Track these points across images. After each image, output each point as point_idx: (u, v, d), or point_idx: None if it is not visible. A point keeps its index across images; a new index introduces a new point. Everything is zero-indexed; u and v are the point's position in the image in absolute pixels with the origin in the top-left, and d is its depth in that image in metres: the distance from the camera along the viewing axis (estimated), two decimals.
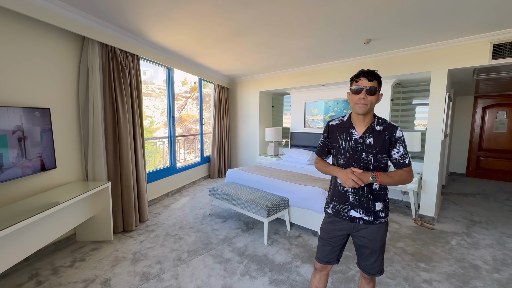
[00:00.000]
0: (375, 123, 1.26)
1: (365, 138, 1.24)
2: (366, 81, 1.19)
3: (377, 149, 1.23)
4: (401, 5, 2.03)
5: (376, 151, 1.23)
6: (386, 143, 1.22)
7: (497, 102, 5.25)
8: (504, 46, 2.55)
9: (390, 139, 1.23)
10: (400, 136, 1.23)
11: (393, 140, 1.23)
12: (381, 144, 1.22)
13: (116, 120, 2.66)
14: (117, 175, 2.67)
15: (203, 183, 4.81)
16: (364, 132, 1.25)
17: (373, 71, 1.21)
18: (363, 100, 1.19)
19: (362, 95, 1.19)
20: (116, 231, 2.66)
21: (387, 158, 1.25)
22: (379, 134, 1.23)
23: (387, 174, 1.21)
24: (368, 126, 1.25)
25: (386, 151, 1.23)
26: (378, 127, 1.24)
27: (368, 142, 1.23)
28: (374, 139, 1.23)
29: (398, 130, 1.23)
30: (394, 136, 1.23)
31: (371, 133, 1.24)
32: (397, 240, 2.60)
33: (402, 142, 1.23)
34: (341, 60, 3.68)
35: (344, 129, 1.30)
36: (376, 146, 1.23)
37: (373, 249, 1.29)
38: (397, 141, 1.23)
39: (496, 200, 3.98)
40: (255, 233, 2.75)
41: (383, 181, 1.19)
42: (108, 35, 2.54)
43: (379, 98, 1.24)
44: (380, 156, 1.23)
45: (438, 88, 2.99)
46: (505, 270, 2.10)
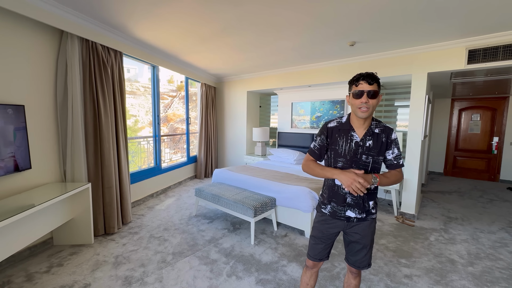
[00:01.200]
0: (374, 125, 1.26)
1: (365, 141, 1.25)
2: (367, 84, 1.17)
3: (376, 151, 1.25)
4: (383, 10, 2.10)
5: (375, 153, 1.25)
6: (384, 145, 1.25)
7: (472, 104, 5.55)
8: (478, 51, 2.69)
9: (387, 141, 1.26)
10: (395, 138, 1.27)
11: (389, 142, 1.26)
12: (380, 146, 1.25)
13: (97, 119, 2.55)
14: (98, 175, 2.56)
15: (189, 184, 4.73)
16: (364, 135, 1.25)
17: (372, 73, 1.20)
18: (365, 105, 1.17)
19: (364, 99, 1.17)
20: (97, 234, 2.55)
21: (382, 160, 1.29)
22: (377, 136, 1.25)
23: (384, 175, 1.24)
24: (368, 129, 1.25)
25: (383, 153, 1.27)
26: (377, 130, 1.26)
27: (368, 145, 1.24)
28: (373, 142, 1.24)
29: (394, 132, 1.27)
30: (390, 138, 1.26)
31: (371, 135, 1.25)
32: (379, 237, 2.68)
33: (397, 144, 1.27)
34: (327, 61, 3.74)
35: (344, 131, 1.28)
36: (375, 149, 1.24)
37: (365, 244, 1.34)
38: (392, 143, 1.26)
39: (471, 197, 4.21)
40: (242, 233, 2.73)
41: (382, 182, 1.22)
42: (89, 30, 2.44)
43: (379, 100, 1.24)
44: (378, 158, 1.26)
45: (418, 91, 3.12)
46: (478, 264, 2.22)
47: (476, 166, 5.56)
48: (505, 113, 5.19)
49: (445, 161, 5.91)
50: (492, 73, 3.09)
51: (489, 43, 2.62)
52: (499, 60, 2.58)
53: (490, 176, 5.38)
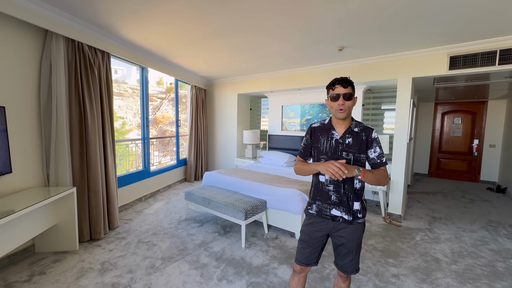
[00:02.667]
0: (353, 125, 1.35)
1: (345, 138, 1.33)
2: (342, 88, 1.28)
3: (356, 148, 1.31)
4: (369, 17, 2.17)
5: (355, 150, 1.31)
6: (364, 143, 1.31)
7: (454, 108, 5.80)
8: (459, 58, 2.82)
9: (367, 139, 1.31)
10: (376, 137, 1.32)
11: (370, 140, 1.31)
12: (359, 144, 1.31)
13: (83, 121, 2.48)
14: (83, 179, 2.49)
15: (179, 187, 4.66)
16: (344, 133, 1.33)
17: (346, 78, 1.30)
18: (342, 106, 1.28)
19: (340, 101, 1.28)
20: (82, 240, 2.47)
21: (365, 158, 1.34)
22: (357, 135, 1.32)
23: (370, 170, 1.27)
24: (347, 128, 1.34)
25: (364, 151, 1.32)
26: (356, 129, 1.33)
27: (348, 142, 1.32)
28: (353, 139, 1.32)
29: (374, 132, 1.33)
30: (370, 137, 1.31)
31: (350, 133, 1.33)
32: (368, 238, 2.74)
33: (378, 143, 1.32)
34: (316, 65, 3.81)
35: (325, 130, 1.39)
36: (355, 146, 1.31)
37: (350, 248, 1.35)
38: (373, 142, 1.31)
39: (454, 198, 4.37)
40: (233, 236, 2.72)
41: (366, 176, 1.23)
42: (75, 30, 2.37)
43: (355, 102, 1.33)
44: (359, 155, 1.31)
45: (404, 95, 3.22)
46: (461, 262, 2.30)
47: (458, 167, 5.79)
48: (484, 117, 5.45)
49: (429, 162, 6.12)
50: (472, 78, 3.24)
51: (469, 50, 2.75)
52: (478, 66, 2.71)
53: (471, 177, 5.62)
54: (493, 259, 2.35)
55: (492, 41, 2.61)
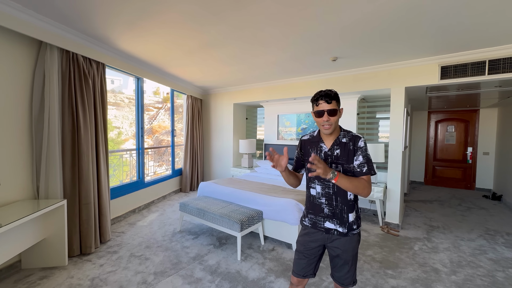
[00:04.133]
0: (342, 135, 1.33)
1: (333, 150, 1.31)
2: (326, 104, 1.26)
3: (344, 159, 1.29)
4: (361, 29, 2.21)
5: (343, 161, 1.29)
6: (351, 152, 1.29)
7: (447, 117, 5.89)
8: (450, 68, 2.89)
9: (354, 148, 1.29)
10: (362, 146, 1.28)
11: (355, 149, 1.29)
12: (347, 154, 1.29)
13: (76, 132, 2.44)
14: (75, 191, 2.42)
15: (174, 198, 4.58)
16: (332, 144, 1.32)
17: (330, 92, 1.26)
18: (327, 123, 1.27)
19: (325, 117, 1.26)
20: (72, 254, 2.38)
21: (353, 167, 1.30)
22: (345, 145, 1.31)
23: (346, 177, 1.22)
24: (335, 139, 1.33)
25: (352, 160, 1.29)
26: (344, 139, 1.32)
27: (336, 153, 1.31)
28: (341, 150, 1.30)
29: (361, 140, 1.29)
30: (356, 145, 1.29)
31: (338, 145, 1.31)
32: (366, 248, 2.69)
33: (363, 152, 1.28)
34: (311, 75, 3.86)
35: (314, 143, 1.38)
36: (343, 157, 1.29)
37: (346, 260, 1.32)
38: (358, 150, 1.28)
39: (450, 206, 4.36)
40: (228, 248, 2.65)
41: (341, 181, 1.18)
42: (70, 41, 2.38)
43: (340, 114, 1.32)
44: (348, 166, 1.29)
45: (397, 104, 3.26)
46: (461, 272, 2.27)
47: (453, 175, 5.82)
48: (476, 125, 5.53)
49: (425, 170, 6.15)
50: (463, 88, 3.30)
51: (459, 61, 2.82)
52: (468, 76, 2.77)
53: (467, 185, 5.64)
54: (492, 269, 2.32)
55: (481, 51, 2.68)
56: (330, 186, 1.31)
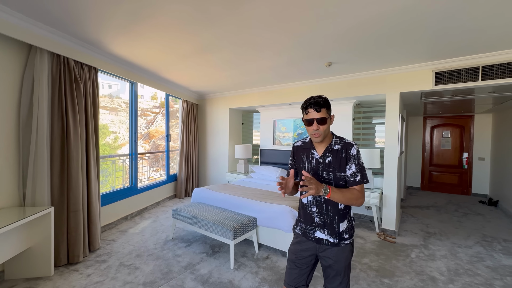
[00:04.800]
0: (334, 142, 1.30)
1: (325, 157, 1.28)
2: (315, 112, 1.22)
3: (336, 167, 1.26)
4: (354, 34, 2.21)
5: (335, 169, 1.26)
6: (344, 160, 1.25)
7: (442, 122, 5.91)
8: (444, 73, 2.89)
9: (346, 156, 1.26)
10: (354, 154, 1.25)
11: (348, 157, 1.25)
12: (339, 162, 1.25)
13: (65, 137, 2.39)
14: (63, 198, 2.35)
15: (168, 204, 4.50)
16: (324, 152, 1.29)
17: (319, 100, 1.22)
18: (317, 131, 1.24)
19: (315, 126, 1.23)
20: (58, 264, 2.29)
21: (345, 176, 1.27)
22: (337, 153, 1.27)
23: (339, 190, 1.19)
24: (327, 146, 1.29)
25: (344, 169, 1.25)
26: (336, 146, 1.28)
27: (328, 161, 1.27)
28: (332, 158, 1.27)
29: (353, 148, 1.26)
30: (349, 153, 1.26)
31: (330, 152, 1.28)
32: (362, 256, 2.64)
33: (355, 160, 1.24)
34: (306, 80, 3.85)
35: (306, 150, 1.35)
36: (335, 165, 1.26)
37: (338, 270, 1.28)
38: (351, 158, 1.25)
39: (447, 211, 4.33)
40: (222, 257, 2.58)
41: (334, 196, 1.16)
42: (60, 45, 2.34)
43: (331, 121, 1.27)
44: (340, 174, 1.26)
45: (392, 109, 3.26)
46: (458, 280, 2.22)
47: (450, 180, 5.81)
48: (471, 130, 5.55)
49: (422, 176, 6.13)
50: (457, 93, 3.31)
51: (453, 66, 2.83)
52: (462, 82, 2.77)
53: (463, 190, 5.63)
54: (490, 277, 2.28)
55: (474, 57, 2.69)
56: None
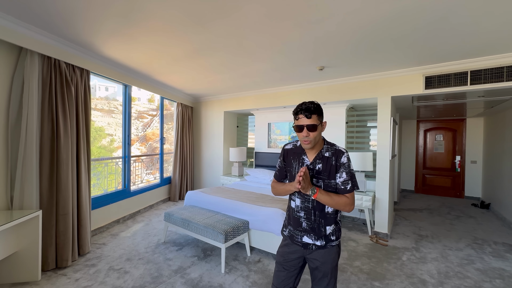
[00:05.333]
0: (324, 149, 1.29)
1: (315, 164, 1.28)
2: (305, 118, 1.21)
3: (326, 174, 1.26)
4: (345, 39, 2.24)
5: (325, 176, 1.26)
6: (334, 168, 1.25)
7: (435, 126, 5.98)
8: (434, 78, 2.94)
9: (336, 164, 1.25)
10: (345, 162, 1.24)
11: (338, 165, 1.25)
12: (329, 169, 1.25)
13: (55, 139, 2.37)
14: (52, 201, 2.33)
15: (161, 207, 4.47)
16: (314, 158, 1.28)
17: (310, 106, 1.21)
18: (307, 138, 1.22)
19: (305, 133, 1.21)
20: (46, 268, 2.26)
21: (335, 183, 1.27)
22: (327, 160, 1.26)
23: (327, 193, 1.21)
24: (318, 153, 1.28)
25: (333, 176, 1.25)
26: (327, 153, 1.28)
27: (318, 168, 1.27)
28: (323, 165, 1.26)
29: (344, 156, 1.25)
30: (339, 161, 1.25)
31: (320, 159, 1.27)
32: (354, 259, 2.64)
33: (346, 168, 1.24)
34: (300, 84, 3.88)
35: (297, 154, 1.34)
36: (325, 172, 1.26)
37: (325, 272, 1.28)
38: (341, 167, 1.24)
39: (440, 214, 4.36)
40: (213, 260, 2.56)
41: (320, 198, 1.19)
42: (51, 47, 2.34)
43: (323, 128, 1.26)
44: (329, 181, 1.26)
45: (384, 113, 3.29)
46: (448, 283, 2.23)
47: (443, 183, 5.86)
48: (464, 134, 5.63)
49: (415, 179, 6.18)
50: (449, 97, 3.36)
51: (442, 71, 2.87)
52: (451, 86, 2.82)
53: (456, 193, 5.68)
54: (479, 280, 2.29)
55: (463, 62, 2.74)
56: (310, 200, 1.29)
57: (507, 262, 2.64)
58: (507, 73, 2.55)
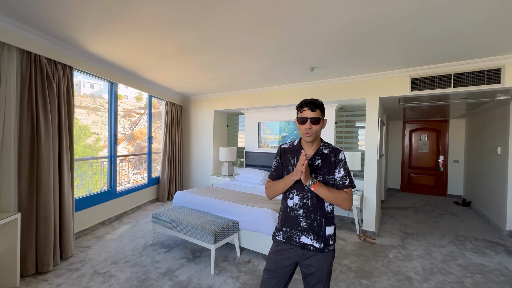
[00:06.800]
0: (323, 147, 1.33)
1: (315, 160, 1.30)
2: (309, 111, 1.25)
3: (325, 170, 1.28)
4: (333, 40, 2.26)
5: (324, 172, 1.28)
6: (332, 164, 1.29)
7: (420, 126, 6.16)
8: (419, 80, 3.02)
9: (335, 160, 1.29)
10: (342, 158, 1.30)
11: (337, 161, 1.29)
12: (328, 165, 1.29)
13: (36, 138, 2.26)
14: (32, 203, 2.22)
15: (149, 208, 4.37)
16: (314, 154, 1.31)
17: (314, 101, 1.27)
18: (309, 130, 1.25)
19: (308, 125, 1.25)
20: (26, 274, 2.15)
21: (333, 180, 1.29)
22: (326, 156, 1.30)
23: (326, 186, 1.23)
24: (317, 149, 1.31)
25: (332, 172, 1.29)
26: (326, 150, 1.32)
27: (317, 163, 1.29)
28: (322, 161, 1.29)
29: (341, 153, 1.31)
30: (337, 158, 1.29)
31: (320, 155, 1.30)
32: (343, 258, 2.68)
33: (344, 165, 1.29)
34: (290, 84, 3.89)
35: (295, 152, 1.35)
36: (324, 168, 1.28)
37: (320, 278, 1.26)
38: (339, 163, 1.29)
39: (424, 212, 4.51)
40: (202, 262, 2.53)
41: (320, 190, 1.19)
42: (31, 41, 2.22)
43: (324, 124, 1.30)
44: (328, 177, 1.28)
45: (372, 114, 3.35)
46: (432, 279, 2.30)
47: (427, 182, 6.05)
48: (447, 134, 5.83)
49: (401, 178, 6.35)
50: (433, 99, 3.46)
51: (427, 73, 2.96)
52: (436, 88, 2.90)
53: (440, 191, 5.88)
54: (461, 275, 2.38)
55: (447, 65, 2.83)
56: (309, 197, 1.27)
57: (487, 257, 2.76)
58: (488, 77, 2.65)
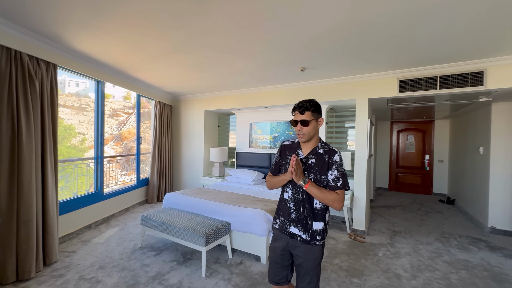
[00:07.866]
0: (319, 146, 1.38)
1: (309, 158, 1.37)
2: (299, 114, 1.35)
3: (318, 169, 1.33)
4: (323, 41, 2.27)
5: (316, 171, 1.33)
6: (326, 165, 1.33)
7: (407, 127, 6.33)
8: (407, 82, 3.09)
9: (329, 161, 1.33)
10: (337, 160, 1.32)
11: (331, 162, 1.32)
12: (321, 165, 1.33)
13: (16, 139, 2.15)
14: (12, 207, 2.11)
15: (138, 210, 4.26)
16: (308, 153, 1.38)
17: (304, 105, 1.34)
18: (300, 132, 1.35)
19: (298, 127, 1.34)
20: (5, 282, 2.04)
21: (326, 180, 1.33)
22: (321, 156, 1.35)
23: (318, 186, 1.29)
24: (313, 149, 1.39)
25: (325, 172, 1.32)
26: (321, 150, 1.37)
27: (311, 162, 1.35)
28: (316, 160, 1.34)
29: (336, 155, 1.33)
30: (332, 159, 1.33)
31: (314, 154, 1.37)
32: (334, 257, 2.70)
33: (338, 166, 1.31)
34: (281, 84, 3.90)
35: (293, 149, 1.45)
36: (317, 167, 1.33)
37: (307, 269, 1.34)
38: (333, 164, 1.32)
39: (411, 210, 4.63)
40: (193, 264, 2.49)
41: (311, 189, 1.27)
42: (11, 37, 2.12)
43: (319, 124, 1.37)
44: (320, 176, 1.32)
45: (362, 114, 3.41)
46: (420, 276, 2.36)
47: (414, 181, 6.23)
48: (432, 134, 6.02)
49: (389, 177, 6.50)
50: (419, 100, 3.56)
51: (415, 75, 3.04)
52: (423, 90, 2.98)
53: (425, 190, 6.06)
54: (447, 271, 2.45)
55: (433, 68, 2.91)
56: (300, 192, 1.36)
57: (470, 253, 2.86)
58: (471, 79, 2.75)
